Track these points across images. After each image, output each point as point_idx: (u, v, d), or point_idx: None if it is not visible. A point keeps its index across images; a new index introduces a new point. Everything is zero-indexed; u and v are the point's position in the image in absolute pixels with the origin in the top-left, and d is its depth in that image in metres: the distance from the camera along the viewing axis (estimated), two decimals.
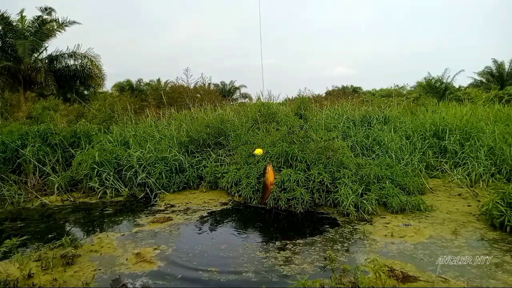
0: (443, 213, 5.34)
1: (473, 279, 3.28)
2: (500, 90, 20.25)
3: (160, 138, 8.32)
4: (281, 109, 9.42)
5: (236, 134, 8.06)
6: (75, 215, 5.66)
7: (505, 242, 4.18)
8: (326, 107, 10.81)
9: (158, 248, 4.14)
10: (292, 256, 3.86)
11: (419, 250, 3.98)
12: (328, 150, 6.14)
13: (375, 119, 9.38)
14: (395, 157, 7.33)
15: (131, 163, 6.93)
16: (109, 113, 10.95)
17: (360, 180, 5.73)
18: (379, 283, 3.06)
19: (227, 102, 13.40)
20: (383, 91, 32.37)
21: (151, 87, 23.61)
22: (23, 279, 3.33)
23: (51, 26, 19.95)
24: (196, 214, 5.53)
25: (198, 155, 7.89)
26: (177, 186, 6.97)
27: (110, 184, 6.75)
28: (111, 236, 4.59)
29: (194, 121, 9.35)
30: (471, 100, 14.00)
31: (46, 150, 7.74)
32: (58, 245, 4.00)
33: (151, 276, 3.44)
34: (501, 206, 4.58)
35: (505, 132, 8.12)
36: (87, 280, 3.31)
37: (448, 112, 9.94)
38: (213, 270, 3.54)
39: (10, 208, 6.11)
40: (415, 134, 8.48)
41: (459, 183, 6.75)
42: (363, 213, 5.15)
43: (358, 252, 3.98)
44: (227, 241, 4.42)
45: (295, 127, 7.78)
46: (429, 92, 21.69)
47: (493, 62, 25.63)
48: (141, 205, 6.18)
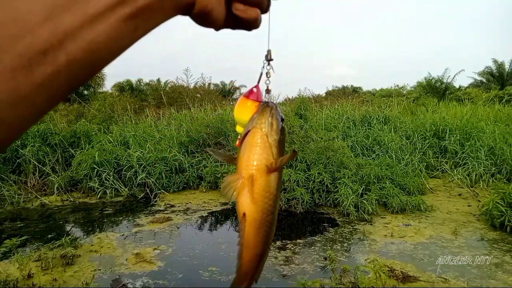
0: (443, 213, 5.34)
1: (473, 279, 3.28)
2: (500, 90, 20.23)
3: (160, 138, 8.31)
4: (281, 109, 9.40)
5: (236, 134, 8.04)
6: (74, 215, 5.66)
7: (505, 242, 4.18)
8: (326, 107, 10.81)
9: (158, 248, 4.14)
10: (292, 256, 3.85)
11: (419, 250, 3.97)
12: (328, 150, 6.14)
13: (375, 119, 9.38)
14: (395, 157, 7.32)
15: (131, 163, 6.93)
16: (109, 113, 10.94)
17: (360, 180, 5.73)
18: (379, 283, 3.06)
19: (227, 102, 13.39)
20: (383, 91, 32.36)
21: (151, 87, 23.59)
22: (23, 279, 3.33)
23: None
24: (196, 214, 5.53)
25: (198, 155, 7.89)
26: (177, 186, 6.97)
27: (110, 184, 6.75)
28: (111, 236, 4.59)
29: (194, 121, 9.35)
30: (471, 100, 14.01)
31: (46, 150, 7.73)
32: (58, 245, 4.00)
33: (151, 276, 3.44)
34: (501, 206, 4.58)
35: (505, 132, 8.12)
36: (87, 280, 3.31)
37: (448, 112, 9.94)
38: (214, 270, 3.54)
39: (10, 208, 6.11)
40: (415, 134, 8.48)
41: (459, 183, 6.74)
42: (363, 213, 5.14)
43: (358, 252, 3.98)
44: (227, 240, 4.41)
45: (295, 127, 7.78)
46: (429, 92, 21.67)
47: (493, 62, 25.63)
48: (141, 205, 6.18)
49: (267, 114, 0.51)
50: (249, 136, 0.50)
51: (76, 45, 0.28)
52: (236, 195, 0.49)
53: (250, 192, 0.48)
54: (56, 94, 0.29)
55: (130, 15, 0.30)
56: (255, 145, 0.49)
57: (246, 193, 0.49)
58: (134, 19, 0.31)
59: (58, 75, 0.28)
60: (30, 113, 0.28)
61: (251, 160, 0.49)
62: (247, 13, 0.39)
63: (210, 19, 0.37)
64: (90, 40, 0.28)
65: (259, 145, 0.49)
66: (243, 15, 0.39)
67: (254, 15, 0.39)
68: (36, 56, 0.26)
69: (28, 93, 0.27)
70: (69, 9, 0.28)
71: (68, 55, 0.28)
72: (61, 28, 0.27)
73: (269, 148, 0.49)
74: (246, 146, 0.50)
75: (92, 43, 0.29)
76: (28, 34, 0.26)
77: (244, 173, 0.49)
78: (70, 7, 0.28)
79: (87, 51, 0.28)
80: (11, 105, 0.26)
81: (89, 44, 0.28)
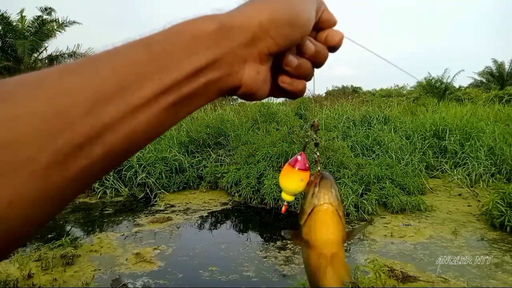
0: (443, 213, 5.34)
1: (473, 279, 3.28)
2: (500, 90, 20.23)
3: (160, 138, 8.31)
4: (281, 109, 9.42)
5: (236, 134, 8.06)
6: (75, 215, 5.66)
7: (505, 242, 4.18)
8: (326, 107, 10.81)
9: (158, 248, 4.14)
10: (292, 256, 3.86)
11: (419, 250, 3.98)
12: (328, 150, 6.15)
13: (375, 119, 9.39)
14: (395, 157, 7.32)
15: (131, 163, 6.93)
16: None
17: (360, 180, 5.73)
18: (379, 283, 3.06)
19: (227, 102, 13.39)
20: (383, 91, 32.35)
21: None
22: (23, 279, 3.33)
23: (51, 26, 19.93)
24: (196, 214, 5.53)
25: (198, 155, 7.89)
26: (177, 186, 6.97)
27: (110, 184, 6.75)
28: (111, 236, 4.59)
29: (194, 121, 9.36)
30: (471, 100, 14.01)
31: None
32: (58, 245, 4.00)
33: (151, 276, 3.44)
34: (501, 206, 4.58)
35: (505, 132, 8.12)
36: (87, 280, 3.31)
37: (448, 112, 9.94)
38: (214, 270, 3.54)
39: None
40: (415, 134, 8.48)
41: (459, 183, 6.75)
42: (363, 213, 5.15)
43: (358, 252, 3.98)
44: (227, 240, 4.42)
45: (295, 127, 7.78)
46: (429, 92, 21.67)
47: (493, 62, 25.63)
48: (141, 205, 6.18)
49: (330, 187, 0.50)
50: (321, 213, 0.49)
51: (115, 137, 0.26)
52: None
53: (332, 266, 0.49)
54: (87, 184, 0.27)
55: (173, 103, 0.29)
56: (332, 221, 0.49)
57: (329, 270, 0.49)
58: (177, 106, 0.29)
59: (92, 167, 0.25)
60: (59, 207, 0.26)
61: (332, 237, 0.49)
62: (293, 86, 0.38)
63: (255, 97, 0.36)
64: (130, 131, 0.27)
65: (335, 221, 0.49)
66: (290, 88, 0.38)
67: (301, 87, 0.38)
68: (72, 152, 0.24)
69: (59, 189, 0.24)
70: (112, 101, 0.26)
71: (105, 147, 0.26)
72: (102, 120, 0.25)
73: (341, 221, 0.49)
74: (325, 223, 0.49)
75: (131, 133, 0.27)
76: (68, 129, 0.24)
77: (328, 251, 0.49)
78: (114, 99, 0.26)
79: (125, 141, 0.27)
80: (38, 204, 0.23)
81: (128, 134, 0.27)
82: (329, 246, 0.49)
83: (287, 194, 0.54)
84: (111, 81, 0.26)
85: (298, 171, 0.53)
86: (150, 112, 0.28)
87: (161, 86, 0.28)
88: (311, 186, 0.51)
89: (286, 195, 0.54)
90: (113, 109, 0.26)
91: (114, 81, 0.26)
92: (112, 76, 0.26)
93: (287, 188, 0.54)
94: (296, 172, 0.53)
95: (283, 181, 0.54)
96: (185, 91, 0.29)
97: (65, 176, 0.24)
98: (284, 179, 0.54)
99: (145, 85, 0.27)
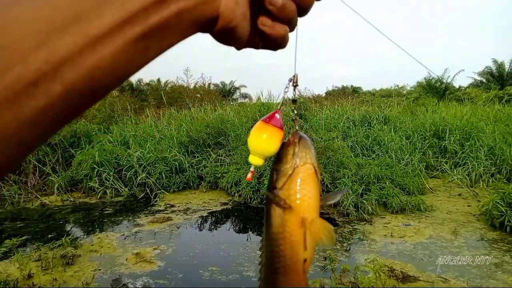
0: (443, 213, 5.34)
1: (473, 279, 3.28)
2: (500, 90, 20.22)
3: (160, 138, 8.32)
4: (281, 109, 9.40)
5: (236, 134, 8.06)
6: (75, 215, 5.66)
7: (505, 242, 4.18)
8: (326, 107, 10.81)
9: (158, 248, 4.14)
10: None
11: (419, 250, 3.98)
12: (328, 150, 6.15)
13: (375, 119, 9.39)
14: (395, 157, 7.32)
15: (131, 163, 6.94)
16: (109, 113, 10.94)
17: (360, 180, 5.73)
18: (379, 283, 3.06)
19: (227, 102, 13.39)
20: (383, 91, 32.34)
21: (151, 87, 23.58)
22: (23, 279, 3.33)
23: None
24: (196, 214, 5.53)
25: (198, 155, 7.89)
26: (177, 186, 6.97)
27: (110, 184, 6.75)
28: (111, 236, 4.59)
29: (194, 121, 9.36)
30: (471, 100, 14.02)
31: (46, 150, 7.74)
32: (58, 245, 4.00)
33: (151, 276, 3.45)
34: (501, 206, 4.58)
35: (505, 132, 8.12)
36: (87, 280, 3.31)
37: (448, 112, 9.94)
38: (214, 270, 3.54)
39: (10, 208, 6.11)
40: (415, 134, 8.48)
41: (459, 183, 6.75)
42: (363, 213, 5.15)
43: (358, 252, 3.98)
44: (228, 240, 4.42)
45: (295, 127, 7.77)
46: (429, 92, 21.66)
47: (493, 62, 25.62)
48: (141, 205, 6.18)
49: (310, 146, 0.46)
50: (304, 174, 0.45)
51: (75, 73, 0.23)
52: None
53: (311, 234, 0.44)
54: (50, 128, 0.25)
55: (141, 35, 0.26)
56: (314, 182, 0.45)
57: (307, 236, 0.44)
58: (145, 39, 0.26)
59: (52, 108, 0.23)
60: (17, 152, 0.24)
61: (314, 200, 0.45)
62: (275, 30, 0.34)
63: (233, 36, 0.32)
64: (92, 66, 0.24)
65: (316, 182, 0.45)
66: (271, 32, 0.34)
67: (282, 32, 0.35)
68: (25, 89, 0.22)
69: (14, 131, 0.22)
70: (67, 32, 0.23)
71: (65, 85, 0.23)
72: (57, 54, 0.23)
73: (319, 183, 0.46)
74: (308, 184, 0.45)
75: (94, 69, 0.24)
76: (18, 64, 0.22)
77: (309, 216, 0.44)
78: (68, 29, 0.23)
79: (88, 78, 0.24)
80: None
81: (90, 70, 0.24)
82: (311, 210, 0.44)
83: (256, 156, 0.47)
84: (64, 10, 0.23)
85: (274, 127, 0.47)
86: (114, 44, 0.25)
87: (124, 14, 0.25)
88: (290, 146, 0.46)
89: (255, 157, 0.47)
90: (69, 41, 0.23)
91: (67, 10, 0.24)
92: (65, 4, 0.24)
93: (259, 147, 0.47)
94: (273, 129, 0.47)
95: (255, 139, 0.47)
96: (154, 21, 0.26)
97: (18, 118, 0.22)
98: (256, 138, 0.47)
99: (105, 12, 0.24)
